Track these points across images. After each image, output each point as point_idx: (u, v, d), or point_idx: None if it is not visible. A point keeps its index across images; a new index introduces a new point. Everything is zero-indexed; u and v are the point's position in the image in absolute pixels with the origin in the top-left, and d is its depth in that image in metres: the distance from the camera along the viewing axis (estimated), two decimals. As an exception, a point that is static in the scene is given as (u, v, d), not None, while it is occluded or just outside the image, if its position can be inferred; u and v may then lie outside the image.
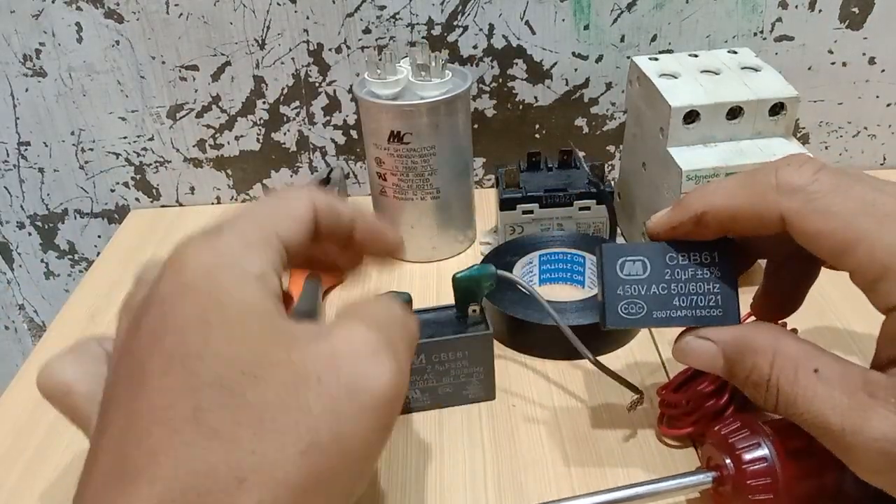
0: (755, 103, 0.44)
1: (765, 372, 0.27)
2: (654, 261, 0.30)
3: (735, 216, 0.28)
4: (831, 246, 0.26)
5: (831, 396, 0.25)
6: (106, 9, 0.54)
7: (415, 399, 0.39)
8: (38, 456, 0.39)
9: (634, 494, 0.31)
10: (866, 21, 0.56)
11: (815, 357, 0.26)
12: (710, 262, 0.30)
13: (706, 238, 0.30)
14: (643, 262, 0.30)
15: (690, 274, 0.30)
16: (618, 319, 0.30)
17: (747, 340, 0.28)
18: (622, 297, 0.30)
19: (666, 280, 0.30)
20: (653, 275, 0.30)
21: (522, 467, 0.36)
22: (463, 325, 0.38)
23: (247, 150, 0.60)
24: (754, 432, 0.30)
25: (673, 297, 0.30)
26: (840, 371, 0.26)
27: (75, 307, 0.50)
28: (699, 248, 0.30)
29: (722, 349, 0.29)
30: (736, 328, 0.29)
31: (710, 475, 0.31)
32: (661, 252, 0.30)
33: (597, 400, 0.39)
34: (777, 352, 0.27)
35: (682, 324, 0.30)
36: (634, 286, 0.30)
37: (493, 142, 0.60)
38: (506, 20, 0.55)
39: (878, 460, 0.24)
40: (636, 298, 0.30)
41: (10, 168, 0.61)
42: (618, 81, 0.57)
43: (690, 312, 0.30)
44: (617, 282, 0.30)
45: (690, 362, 0.30)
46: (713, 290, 0.30)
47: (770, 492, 0.29)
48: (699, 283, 0.30)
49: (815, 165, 0.27)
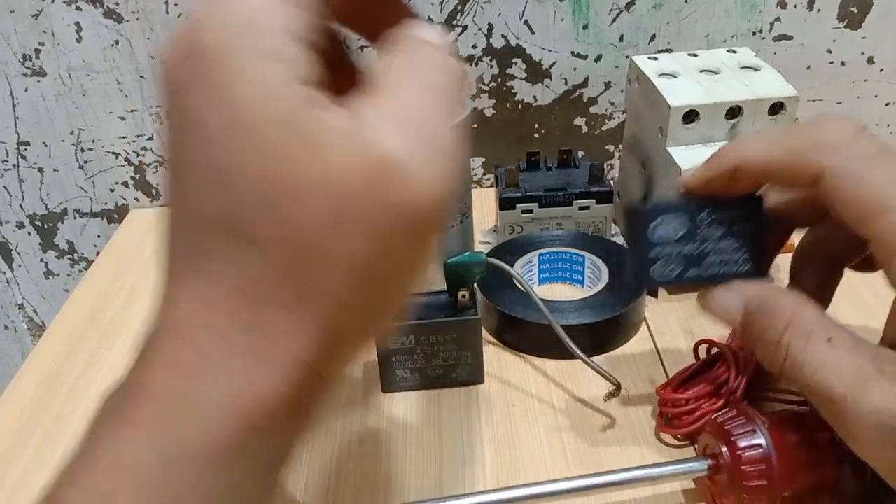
0: (754, 103, 0.44)
1: (778, 332, 0.27)
2: (688, 219, 0.30)
3: (770, 170, 0.28)
4: (858, 210, 0.26)
5: (839, 366, 0.25)
6: (105, 8, 0.54)
7: (404, 379, 0.40)
8: (38, 456, 0.39)
9: (629, 478, 0.31)
10: (865, 20, 0.56)
11: (831, 328, 0.26)
12: (741, 220, 0.30)
13: (740, 192, 0.30)
14: (677, 221, 0.30)
15: (723, 231, 0.30)
16: (653, 280, 0.30)
17: (770, 299, 0.28)
18: (657, 257, 0.30)
19: (699, 238, 0.30)
20: (687, 233, 0.30)
21: (521, 465, 0.36)
22: (453, 309, 0.39)
23: (246, 150, 0.60)
24: (750, 420, 0.30)
25: (706, 255, 0.30)
26: (852, 344, 0.26)
27: (75, 307, 0.50)
28: (731, 206, 0.30)
29: (745, 304, 0.29)
30: (762, 286, 0.29)
31: (705, 462, 0.31)
32: (695, 210, 0.30)
33: (597, 400, 0.39)
34: (795, 315, 0.27)
35: (714, 280, 0.30)
36: (668, 247, 0.30)
37: (492, 141, 0.60)
38: (505, 20, 0.55)
39: (874, 433, 0.24)
40: (669, 260, 0.30)
41: (10, 168, 0.61)
42: (617, 81, 0.58)
43: (722, 269, 0.30)
44: (651, 244, 0.30)
45: (714, 312, 0.30)
46: (745, 245, 0.30)
47: (764, 478, 0.29)
48: (731, 239, 0.30)
49: (856, 125, 0.27)
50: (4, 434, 0.40)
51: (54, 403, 0.42)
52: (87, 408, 0.41)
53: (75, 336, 0.47)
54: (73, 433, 0.40)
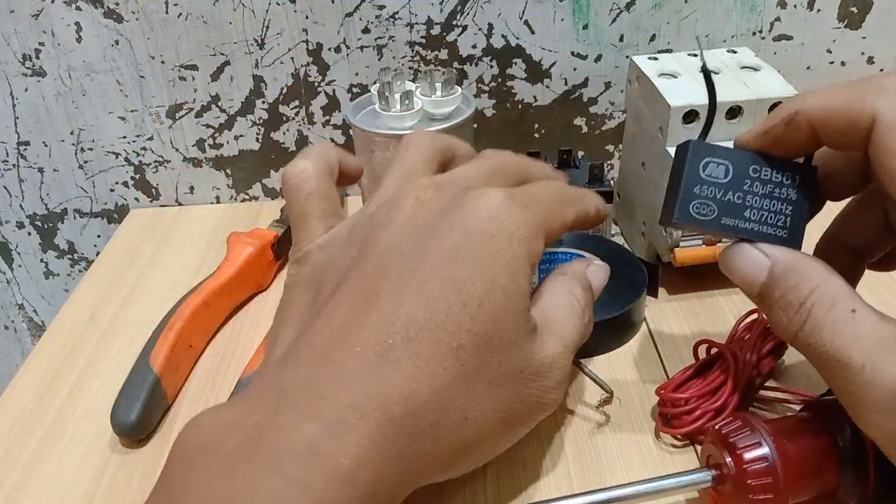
0: (754, 103, 0.44)
1: (803, 294, 0.26)
2: (738, 168, 0.29)
3: (828, 117, 0.28)
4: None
5: (860, 335, 0.25)
6: (105, 8, 0.54)
7: None
8: (38, 456, 0.39)
9: (633, 493, 0.31)
10: (865, 20, 0.56)
11: (856, 301, 0.26)
12: (790, 184, 0.29)
13: (794, 149, 0.29)
14: (727, 166, 0.29)
15: (769, 190, 0.29)
16: (686, 216, 0.29)
17: (799, 264, 0.27)
18: (697, 195, 0.29)
19: (743, 190, 0.29)
20: (732, 182, 0.29)
21: (521, 466, 0.36)
22: None
23: (246, 150, 0.60)
24: (755, 431, 0.30)
25: (745, 209, 0.29)
26: (876, 318, 0.25)
27: (75, 307, 0.50)
28: (784, 168, 0.30)
29: (772, 265, 0.28)
30: (793, 252, 0.28)
31: (709, 473, 0.31)
32: (747, 161, 0.29)
33: (596, 399, 0.39)
34: (822, 282, 0.27)
35: (746, 235, 0.29)
36: (712, 188, 0.29)
37: (492, 141, 0.60)
38: (505, 20, 0.55)
39: (891, 402, 0.24)
40: (710, 200, 0.29)
41: (10, 168, 0.61)
42: (617, 81, 0.58)
43: (757, 227, 0.29)
44: (696, 179, 0.29)
45: (736, 267, 0.29)
46: (786, 211, 0.29)
47: (770, 492, 0.29)
48: (774, 201, 0.29)
49: None
50: (4, 434, 0.40)
51: (54, 403, 0.42)
52: (88, 408, 0.41)
53: (75, 336, 0.47)
54: (73, 433, 0.40)
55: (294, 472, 0.23)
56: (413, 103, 0.47)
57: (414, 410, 0.26)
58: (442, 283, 0.27)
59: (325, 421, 0.25)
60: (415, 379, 0.26)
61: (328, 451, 0.24)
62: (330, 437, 0.24)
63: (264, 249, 0.50)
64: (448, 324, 0.27)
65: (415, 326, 0.27)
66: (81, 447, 0.39)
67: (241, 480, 0.23)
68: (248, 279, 0.49)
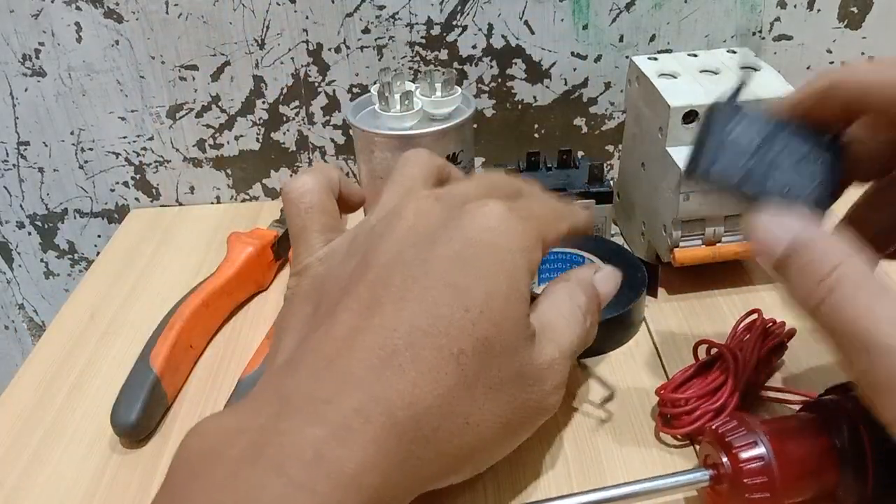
0: (754, 103, 0.44)
1: (826, 269, 0.25)
2: (768, 134, 0.29)
3: (865, 91, 0.27)
4: None
5: (885, 314, 0.24)
6: (105, 8, 0.54)
7: None
8: (38, 456, 0.39)
9: (631, 492, 0.31)
10: (865, 20, 0.56)
11: (882, 280, 0.25)
12: (817, 159, 0.29)
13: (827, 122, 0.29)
14: (757, 130, 0.29)
15: (795, 160, 0.29)
16: (709, 170, 0.29)
17: (825, 237, 0.26)
18: (724, 153, 0.29)
19: (771, 156, 0.29)
20: (761, 147, 0.29)
21: (521, 466, 0.36)
22: None
23: (246, 150, 0.60)
24: (751, 430, 0.30)
25: (770, 176, 0.29)
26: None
27: (75, 307, 0.50)
28: (814, 141, 0.29)
29: (796, 234, 0.26)
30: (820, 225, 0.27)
31: (706, 473, 0.31)
32: (778, 129, 0.29)
33: (596, 400, 0.39)
34: (849, 258, 0.25)
35: (767, 201, 0.29)
36: (739, 150, 0.29)
37: (492, 142, 0.60)
38: (505, 20, 0.55)
39: None
40: (736, 160, 0.29)
41: (10, 168, 0.61)
42: (617, 81, 0.58)
43: (780, 198, 0.29)
44: (725, 137, 0.29)
45: (759, 233, 0.27)
46: (811, 185, 0.29)
47: (767, 490, 0.29)
48: (800, 174, 0.29)
49: None
50: (4, 434, 0.40)
51: (54, 403, 0.42)
52: (88, 408, 0.41)
53: (75, 336, 0.47)
54: (73, 433, 0.40)
55: (299, 475, 0.23)
56: (413, 103, 0.47)
57: (417, 415, 0.26)
58: (445, 289, 0.28)
59: (329, 425, 0.25)
60: (417, 384, 0.26)
61: (333, 455, 0.24)
62: (335, 441, 0.24)
63: (264, 249, 0.50)
64: (450, 329, 0.27)
65: (417, 332, 0.27)
66: (81, 447, 0.39)
67: (245, 484, 0.23)
68: (248, 279, 0.49)
